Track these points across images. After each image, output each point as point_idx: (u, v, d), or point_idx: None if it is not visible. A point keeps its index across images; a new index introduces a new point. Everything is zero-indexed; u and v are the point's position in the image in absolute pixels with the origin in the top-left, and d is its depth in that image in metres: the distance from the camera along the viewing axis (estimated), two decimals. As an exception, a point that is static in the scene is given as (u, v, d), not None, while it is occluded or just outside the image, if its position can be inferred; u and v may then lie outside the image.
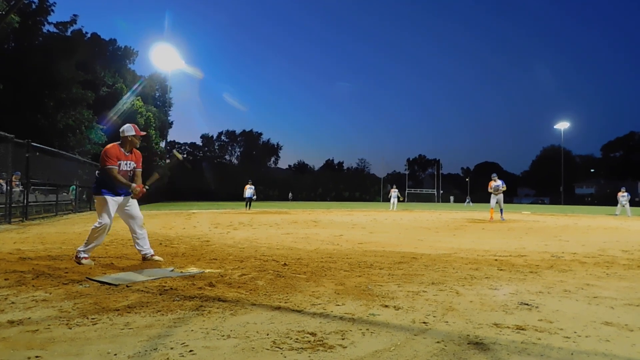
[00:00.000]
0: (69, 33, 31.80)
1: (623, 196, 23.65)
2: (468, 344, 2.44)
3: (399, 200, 30.55)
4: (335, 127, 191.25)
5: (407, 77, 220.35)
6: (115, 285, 3.79)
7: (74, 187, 18.48)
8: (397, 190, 30.04)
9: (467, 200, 62.41)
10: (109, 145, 5.16)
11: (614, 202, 23.93)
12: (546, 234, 10.17)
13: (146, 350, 2.25)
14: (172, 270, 4.55)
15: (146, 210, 21.17)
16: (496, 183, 16.94)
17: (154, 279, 4.10)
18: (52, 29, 30.26)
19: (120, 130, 5.27)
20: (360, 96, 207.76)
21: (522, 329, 2.72)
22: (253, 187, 24.23)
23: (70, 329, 2.60)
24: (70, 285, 3.80)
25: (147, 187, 5.25)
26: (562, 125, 76.75)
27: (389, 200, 30.53)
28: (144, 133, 5.60)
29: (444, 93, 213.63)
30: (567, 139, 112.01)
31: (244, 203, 24.58)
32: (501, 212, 16.88)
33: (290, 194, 64.93)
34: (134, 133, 5.22)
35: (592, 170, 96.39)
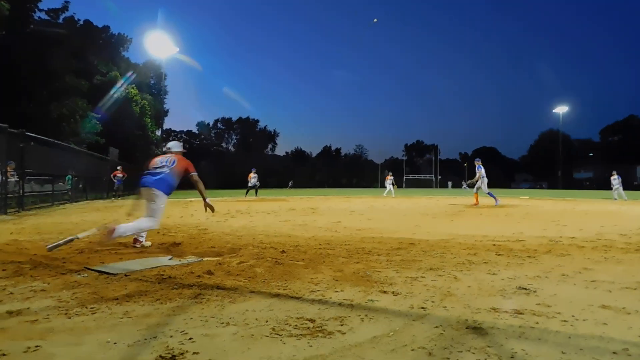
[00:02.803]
0: (60, 20, 31.42)
1: (615, 179, 23.70)
2: (466, 328, 2.45)
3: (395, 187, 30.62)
4: (333, 114, 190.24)
5: (405, 63, 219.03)
6: (114, 274, 3.79)
7: (70, 176, 18.41)
8: (392, 177, 30.06)
9: (464, 185, 62.42)
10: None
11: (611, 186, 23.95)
12: (544, 219, 10.21)
13: (145, 339, 2.25)
14: (170, 259, 4.55)
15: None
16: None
17: (152, 267, 4.09)
18: (43, 16, 29.86)
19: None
20: (357, 82, 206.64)
21: (520, 314, 2.73)
22: (257, 175, 24.41)
23: (70, 318, 2.60)
24: (68, 275, 3.80)
25: None
26: (561, 110, 76.63)
27: (385, 187, 30.59)
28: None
29: (442, 79, 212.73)
30: (565, 123, 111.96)
31: (246, 191, 24.81)
32: (494, 196, 16.85)
33: (291, 182, 64.31)
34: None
35: (590, 155, 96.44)
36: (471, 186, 17.09)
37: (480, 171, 16.37)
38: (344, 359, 2.03)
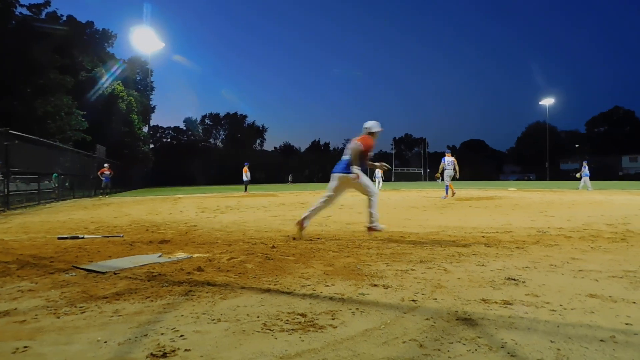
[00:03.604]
0: (43, 15, 30.92)
1: (584, 168, 24.06)
2: (457, 320, 2.47)
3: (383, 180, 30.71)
4: (321, 109, 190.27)
5: (391, 60, 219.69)
6: (103, 272, 3.76)
7: (56, 175, 18.19)
8: (381, 170, 30.02)
9: (439, 179, 62.48)
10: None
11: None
12: (532, 210, 10.31)
13: (136, 337, 2.24)
14: (159, 256, 4.52)
15: (131, 197, 21.00)
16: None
17: (142, 265, 4.07)
18: (25, 11, 29.38)
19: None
20: (345, 78, 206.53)
21: (510, 304, 2.76)
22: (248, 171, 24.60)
23: (59, 318, 2.57)
24: (57, 274, 3.76)
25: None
26: (547, 102, 77.38)
27: (374, 180, 30.69)
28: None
29: (428, 74, 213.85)
30: (552, 115, 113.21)
31: (244, 186, 24.90)
32: (447, 190, 17.04)
33: (290, 175, 63.40)
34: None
35: (576, 146, 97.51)
36: (440, 179, 17.37)
37: (443, 163, 16.93)
38: (336, 352, 2.04)
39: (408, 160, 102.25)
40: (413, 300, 2.86)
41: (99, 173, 22.59)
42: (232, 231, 6.69)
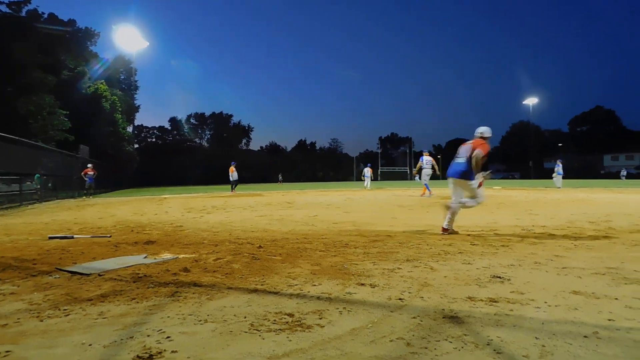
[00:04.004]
0: (23, 13, 30.40)
1: (558, 165, 24.51)
2: (443, 318, 2.49)
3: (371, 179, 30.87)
4: (306, 108, 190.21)
5: (377, 59, 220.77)
6: (87, 274, 3.71)
7: (39, 175, 17.91)
8: (371, 169, 30.31)
9: (416, 177, 62.84)
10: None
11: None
12: (517, 208, 10.43)
13: (122, 339, 2.22)
14: (145, 257, 4.48)
15: (116, 197, 20.77)
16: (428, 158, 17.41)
17: (127, 266, 4.03)
18: (4, 9, 28.86)
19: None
20: (331, 77, 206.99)
21: (495, 302, 2.79)
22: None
23: (42, 321, 2.53)
24: (40, 276, 3.70)
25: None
26: (531, 101, 78.37)
27: (362, 179, 30.87)
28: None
29: (414, 73, 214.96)
30: (535, 115, 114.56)
31: (231, 186, 24.82)
32: (427, 187, 17.49)
33: (280, 175, 62.99)
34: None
35: (560, 145, 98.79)
36: (418, 177, 17.67)
37: (421, 162, 17.20)
38: (323, 352, 2.04)
39: (394, 159, 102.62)
40: (400, 299, 2.88)
41: (82, 173, 22.28)
42: (218, 231, 6.65)
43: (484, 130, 6.37)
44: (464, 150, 6.30)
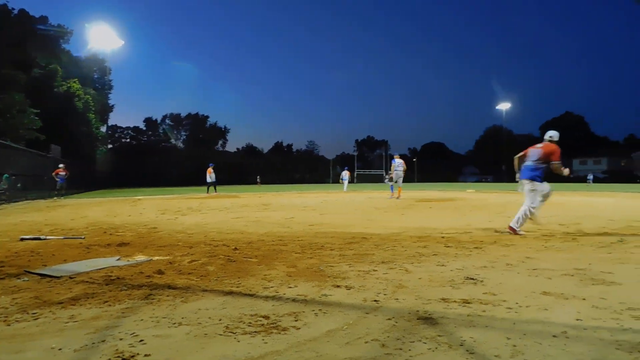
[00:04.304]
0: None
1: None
2: (418, 319, 2.52)
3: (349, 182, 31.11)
4: (284, 110, 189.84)
5: (353, 62, 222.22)
6: (57, 277, 3.63)
7: (7, 175, 17.40)
8: (349, 172, 30.62)
9: (386, 179, 63.21)
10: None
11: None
12: (490, 211, 10.62)
13: (93, 343, 2.17)
14: (118, 259, 4.40)
15: (89, 198, 20.35)
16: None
17: (99, 268, 3.95)
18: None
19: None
20: (308, 79, 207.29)
21: (469, 303, 2.83)
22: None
23: (9, 325, 2.47)
24: (7, 279, 3.60)
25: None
26: (504, 106, 79.91)
27: (340, 182, 31.10)
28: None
29: (388, 78, 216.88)
30: (508, 119, 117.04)
31: (207, 188, 24.65)
32: (392, 189, 17.88)
33: (258, 177, 62.32)
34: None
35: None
36: (392, 180, 17.97)
37: (393, 164, 17.51)
38: (299, 354, 2.04)
39: (370, 162, 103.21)
40: (375, 301, 2.90)
41: (53, 174, 21.74)
42: (193, 233, 6.58)
43: (553, 134, 6.81)
44: (534, 154, 6.70)
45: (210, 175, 24.18)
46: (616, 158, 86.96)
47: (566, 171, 6.68)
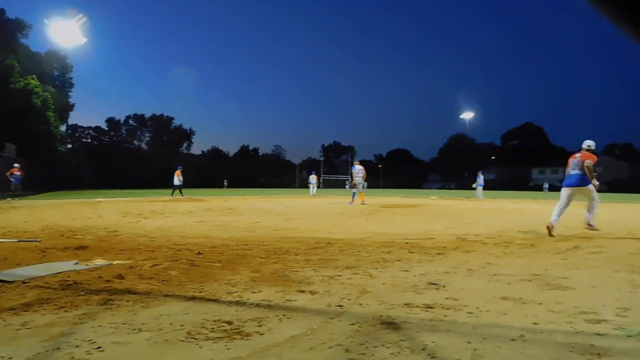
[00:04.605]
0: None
1: (479, 177, 26.08)
2: (381, 324, 2.54)
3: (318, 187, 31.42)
4: (250, 114, 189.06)
5: (317, 71, 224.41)
6: (10, 282, 3.47)
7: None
8: (316, 177, 30.92)
9: (347, 185, 63.59)
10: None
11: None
12: (452, 218, 10.84)
13: (47, 351, 2.09)
14: (75, 264, 4.26)
15: (46, 200, 19.62)
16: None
17: (56, 273, 3.81)
18: None
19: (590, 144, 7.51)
20: (272, 84, 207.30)
21: (431, 308, 2.88)
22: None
23: (-44, 332, 2.35)
24: (-44, 283, 3.43)
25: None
26: (467, 115, 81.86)
27: (308, 186, 31.30)
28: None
29: (355, 86, 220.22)
30: (471, 128, 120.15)
31: (172, 191, 24.33)
32: (353, 196, 18.17)
33: (225, 180, 61.22)
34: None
35: (493, 158, 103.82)
36: (353, 187, 18.29)
37: (354, 171, 17.96)
38: (262, 360, 2.02)
39: (336, 167, 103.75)
40: (339, 306, 2.91)
41: (7, 173, 20.87)
42: (156, 237, 6.44)
43: (590, 143, 7.50)
44: (575, 164, 7.37)
45: (179, 178, 23.86)
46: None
47: (596, 182, 7.31)
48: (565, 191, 7.42)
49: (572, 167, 7.38)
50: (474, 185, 26.75)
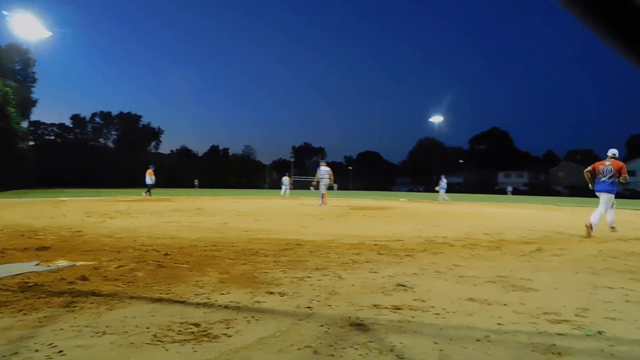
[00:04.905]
0: None
1: (441, 180, 26.87)
2: (350, 325, 2.55)
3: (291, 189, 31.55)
4: (219, 115, 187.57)
5: (284, 74, 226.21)
6: (-34, 283, 3.33)
7: None
8: (289, 178, 31.11)
9: (311, 188, 63.94)
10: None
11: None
12: (421, 220, 10.99)
13: (4, 356, 2.01)
14: (36, 265, 4.12)
15: (5, 198, 18.92)
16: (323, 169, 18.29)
17: (15, 275, 3.67)
18: None
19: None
20: (240, 88, 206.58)
21: (399, 309, 2.91)
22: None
23: None
24: None
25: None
26: (436, 119, 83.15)
27: (280, 187, 31.46)
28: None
29: (323, 90, 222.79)
30: (440, 132, 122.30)
31: (146, 189, 24.01)
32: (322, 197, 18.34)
33: (196, 180, 60.03)
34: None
35: (460, 161, 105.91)
36: (316, 188, 18.49)
37: (319, 172, 18.13)
38: (230, 362, 2.00)
39: (307, 168, 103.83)
40: (308, 307, 2.90)
41: (-35, 171, 20.08)
42: (121, 237, 6.29)
43: (615, 152, 8.28)
44: (606, 171, 8.15)
45: (151, 177, 23.49)
46: (537, 172, 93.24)
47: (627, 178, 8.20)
48: (601, 196, 8.29)
49: (603, 174, 8.18)
50: (437, 188, 27.43)
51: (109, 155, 73.85)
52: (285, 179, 30.50)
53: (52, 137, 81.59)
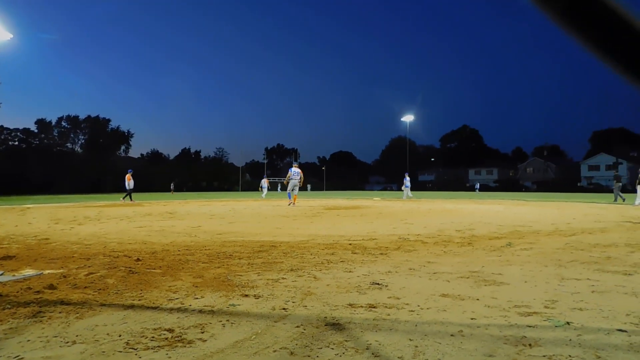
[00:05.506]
0: None
1: (405, 179, 27.59)
2: (325, 325, 2.55)
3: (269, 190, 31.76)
4: (191, 117, 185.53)
5: (254, 76, 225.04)
6: None
7: None
8: (267, 180, 31.44)
9: (278, 188, 64.04)
10: None
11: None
12: (394, 218, 11.09)
13: (-31, 369, 1.94)
14: (1, 274, 3.98)
15: (-33, 207, 18.24)
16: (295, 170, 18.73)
17: (-22, 285, 3.54)
18: None
19: None
20: (211, 92, 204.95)
21: (374, 307, 2.93)
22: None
23: None
24: None
25: None
26: (408, 118, 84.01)
27: (259, 190, 31.68)
28: None
29: (294, 91, 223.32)
30: (412, 131, 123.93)
31: (127, 194, 23.93)
32: (290, 197, 18.90)
33: (172, 184, 58.66)
34: None
35: (432, 159, 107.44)
36: (284, 188, 18.87)
37: (290, 172, 18.73)
38: (205, 367, 1.97)
39: (280, 169, 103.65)
40: (284, 309, 2.89)
41: None
42: (91, 244, 6.14)
43: None
44: None
45: (129, 182, 23.25)
46: (505, 169, 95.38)
47: None
48: None
49: None
50: (403, 188, 28.15)
51: (77, 160, 71.94)
52: (264, 182, 30.81)
53: (16, 143, 78.95)
